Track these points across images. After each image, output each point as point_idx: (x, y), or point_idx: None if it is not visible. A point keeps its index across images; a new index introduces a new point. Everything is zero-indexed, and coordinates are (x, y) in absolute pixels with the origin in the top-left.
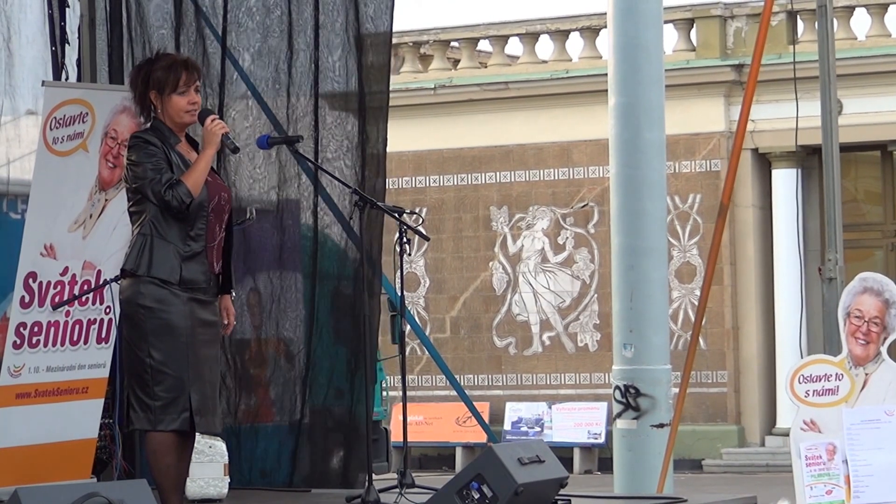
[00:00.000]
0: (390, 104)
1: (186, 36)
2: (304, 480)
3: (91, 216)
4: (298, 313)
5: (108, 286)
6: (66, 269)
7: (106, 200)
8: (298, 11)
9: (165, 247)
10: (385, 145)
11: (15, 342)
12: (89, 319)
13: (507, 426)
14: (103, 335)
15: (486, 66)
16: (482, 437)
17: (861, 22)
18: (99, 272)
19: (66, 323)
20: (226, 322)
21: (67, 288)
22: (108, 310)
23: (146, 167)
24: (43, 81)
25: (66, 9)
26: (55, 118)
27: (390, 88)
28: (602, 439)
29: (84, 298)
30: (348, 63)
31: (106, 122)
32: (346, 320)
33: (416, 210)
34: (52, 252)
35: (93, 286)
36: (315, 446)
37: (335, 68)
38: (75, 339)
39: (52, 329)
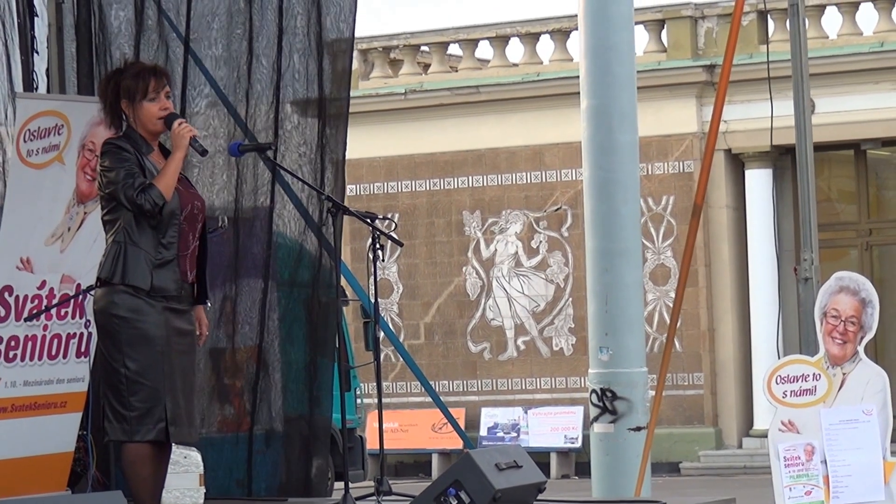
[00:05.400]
0: (361, 110)
1: (147, 43)
2: (281, 489)
3: (69, 229)
4: (272, 321)
5: (87, 298)
6: (43, 283)
7: (84, 213)
8: (261, 16)
9: (137, 253)
10: (345, 151)
11: None
12: (69, 333)
13: (483, 432)
14: (83, 349)
15: (456, 71)
16: (458, 444)
17: (832, 20)
18: (78, 286)
19: (44, 337)
20: (198, 333)
21: (45, 302)
22: (87, 324)
23: (119, 172)
24: (16, 92)
25: (35, 17)
26: (29, 130)
27: (361, 94)
28: (579, 443)
29: (63, 312)
30: (309, 68)
31: (83, 135)
32: (321, 328)
33: (389, 216)
34: (28, 266)
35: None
36: (291, 455)
37: (296, 74)
38: (54, 353)
39: (30, 343)
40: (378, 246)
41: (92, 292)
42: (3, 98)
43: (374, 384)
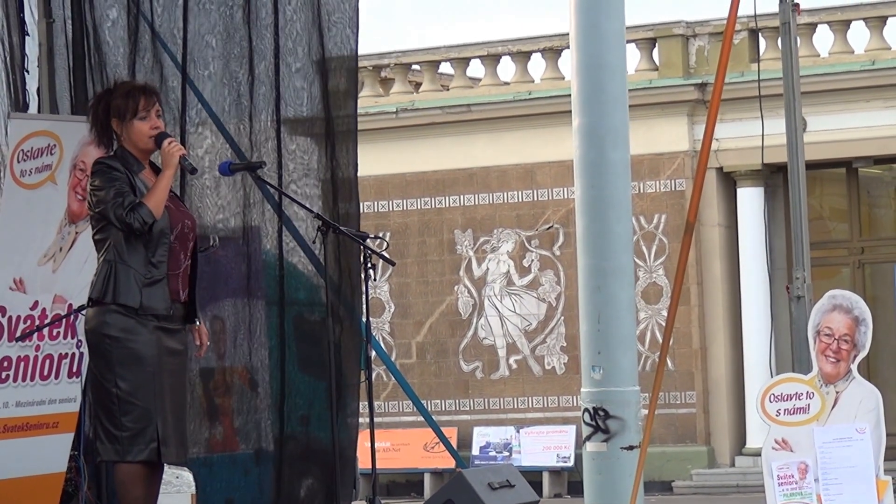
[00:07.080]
0: None
1: (142, 62)
2: None
3: (61, 249)
4: (262, 341)
5: (78, 318)
6: (35, 304)
7: (76, 233)
8: (259, 36)
9: (127, 272)
10: (356, 170)
11: None
12: (60, 354)
13: (475, 451)
14: (74, 369)
15: (447, 89)
16: (450, 463)
17: (824, 39)
18: (70, 306)
19: (36, 357)
20: (198, 343)
21: (38, 322)
22: (79, 344)
23: (109, 191)
24: (9, 113)
25: (26, 36)
26: (22, 150)
27: None
28: (571, 462)
29: (55, 333)
30: (312, 88)
31: (74, 154)
32: (312, 347)
33: (380, 234)
34: (21, 286)
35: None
36: (282, 474)
37: (298, 93)
38: (46, 373)
39: (22, 364)
40: (369, 265)
41: (83, 312)
42: (3, 116)
43: (366, 403)
